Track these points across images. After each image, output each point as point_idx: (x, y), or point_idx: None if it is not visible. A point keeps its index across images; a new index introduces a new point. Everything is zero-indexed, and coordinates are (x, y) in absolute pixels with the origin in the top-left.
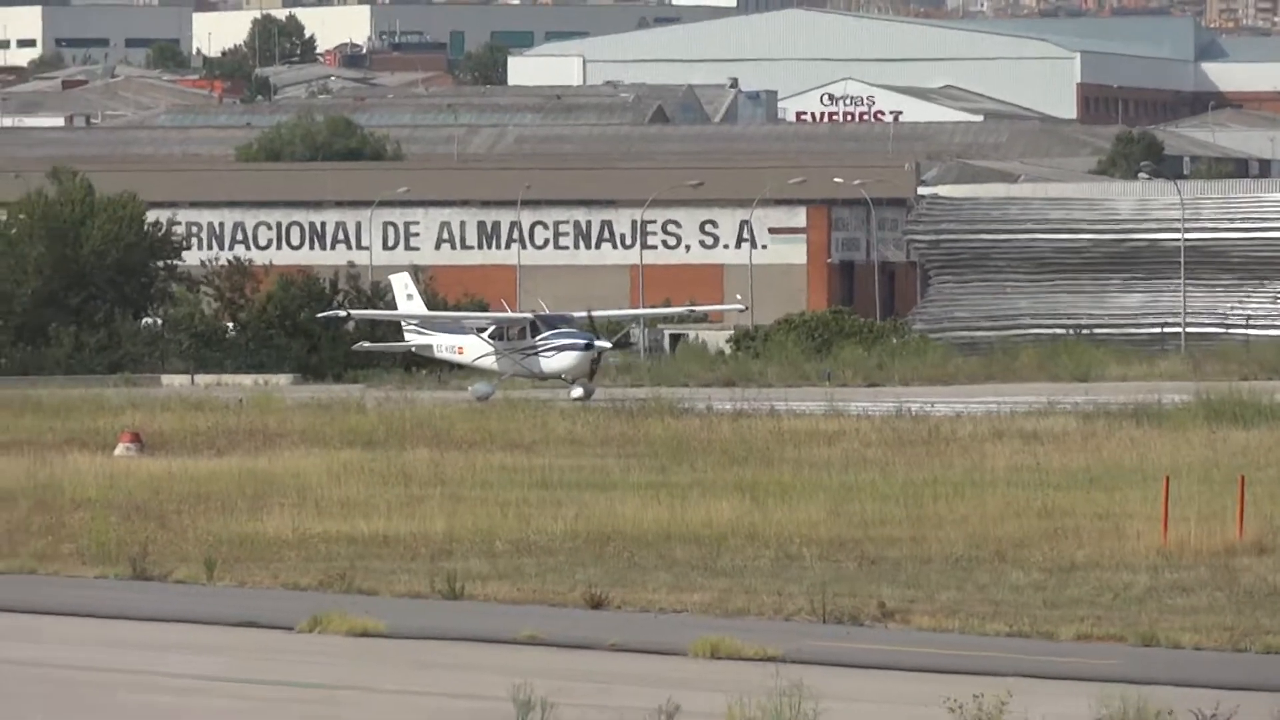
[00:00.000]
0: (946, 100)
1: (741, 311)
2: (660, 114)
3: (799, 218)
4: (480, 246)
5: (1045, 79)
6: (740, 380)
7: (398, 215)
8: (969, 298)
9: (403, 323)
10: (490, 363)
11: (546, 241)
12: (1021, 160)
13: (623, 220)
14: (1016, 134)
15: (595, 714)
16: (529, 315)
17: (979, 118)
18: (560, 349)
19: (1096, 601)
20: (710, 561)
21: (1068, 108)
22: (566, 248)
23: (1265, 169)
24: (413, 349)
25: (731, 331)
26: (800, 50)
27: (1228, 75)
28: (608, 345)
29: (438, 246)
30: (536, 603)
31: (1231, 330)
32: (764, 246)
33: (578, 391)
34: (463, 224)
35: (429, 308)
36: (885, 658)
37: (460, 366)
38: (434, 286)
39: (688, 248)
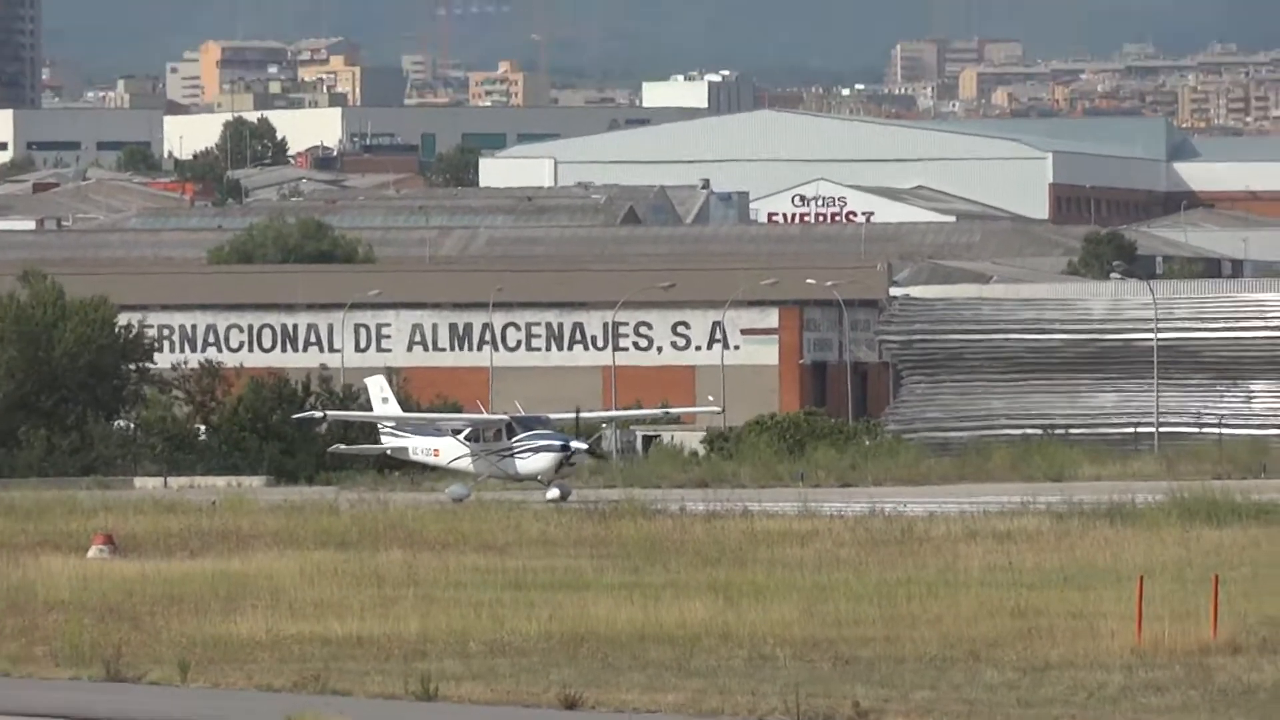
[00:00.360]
0: (919, 200)
1: (717, 414)
2: (632, 215)
3: (771, 319)
4: (452, 348)
5: (1017, 179)
6: (713, 481)
7: (370, 317)
8: (942, 398)
9: (379, 425)
10: (466, 464)
11: (519, 343)
12: (994, 260)
13: (594, 322)
14: (989, 234)
15: None
16: (505, 417)
17: (951, 218)
18: (537, 450)
19: (1071, 700)
20: (684, 662)
21: (1040, 208)
22: (539, 349)
23: (1237, 269)
24: (388, 451)
25: (704, 433)
26: (772, 151)
27: (1200, 175)
28: (583, 446)
29: (410, 348)
30: (511, 703)
31: (1205, 430)
32: (736, 347)
33: (554, 492)
34: (435, 326)
35: (402, 409)
36: None
37: (435, 468)
38: (407, 388)
39: (660, 349)
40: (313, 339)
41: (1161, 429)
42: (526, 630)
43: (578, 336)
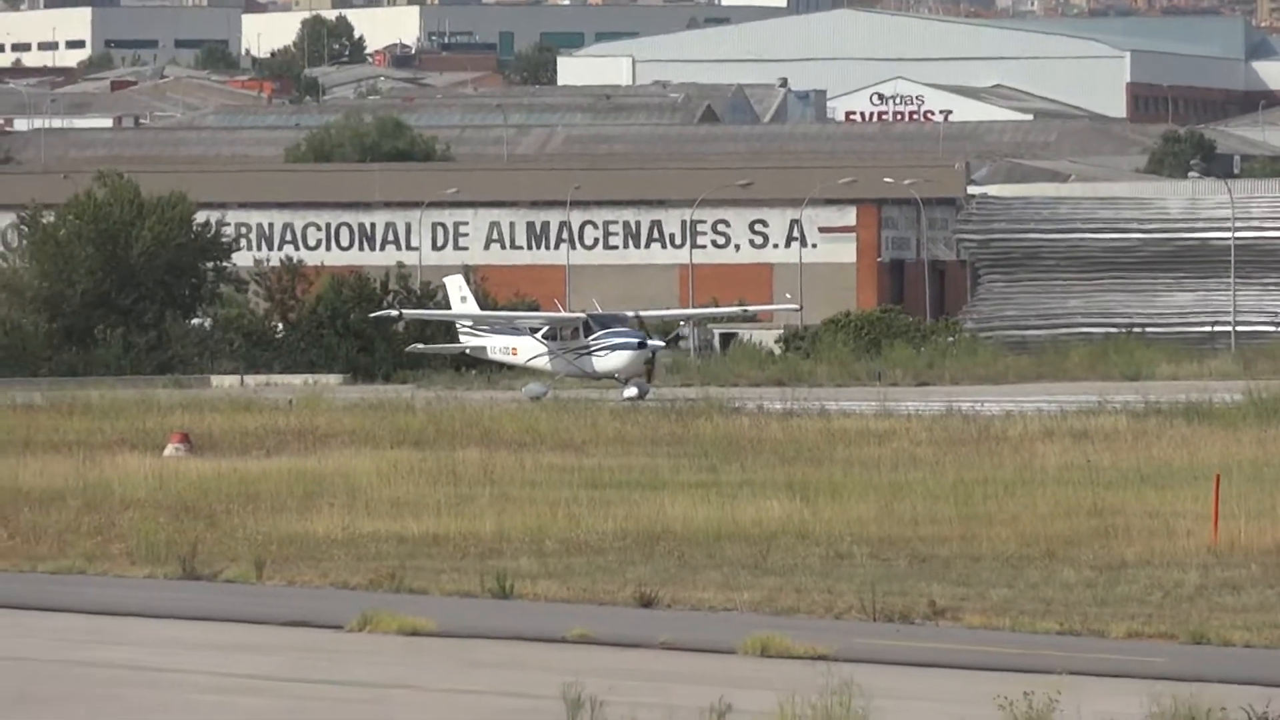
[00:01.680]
0: (996, 99)
1: (795, 311)
2: (710, 114)
3: (849, 217)
4: (529, 247)
5: (1095, 78)
6: (790, 380)
7: (447, 216)
8: (1019, 297)
9: (457, 324)
10: (544, 363)
11: (596, 241)
12: (1071, 159)
13: (672, 220)
14: (1066, 133)
15: (645, 712)
16: (582, 315)
17: (1029, 117)
18: (614, 348)
19: (1147, 599)
20: (760, 560)
21: (1117, 107)
22: (616, 247)
23: None
24: (466, 350)
25: (781, 331)
26: (850, 50)
27: (1278, 74)
28: (661, 344)
29: (487, 247)
30: (586, 601)
31: None
32: (813, 246)
33: (631, 391)
34: (512, 224)
35: (480, 308)
36: (935, 656)
37: (513, 367)
38: (485, 287)
39: (737, 247)
40: (390, 237)
41: (1238, 328)
42: (603, 529)
43: (655, 235)
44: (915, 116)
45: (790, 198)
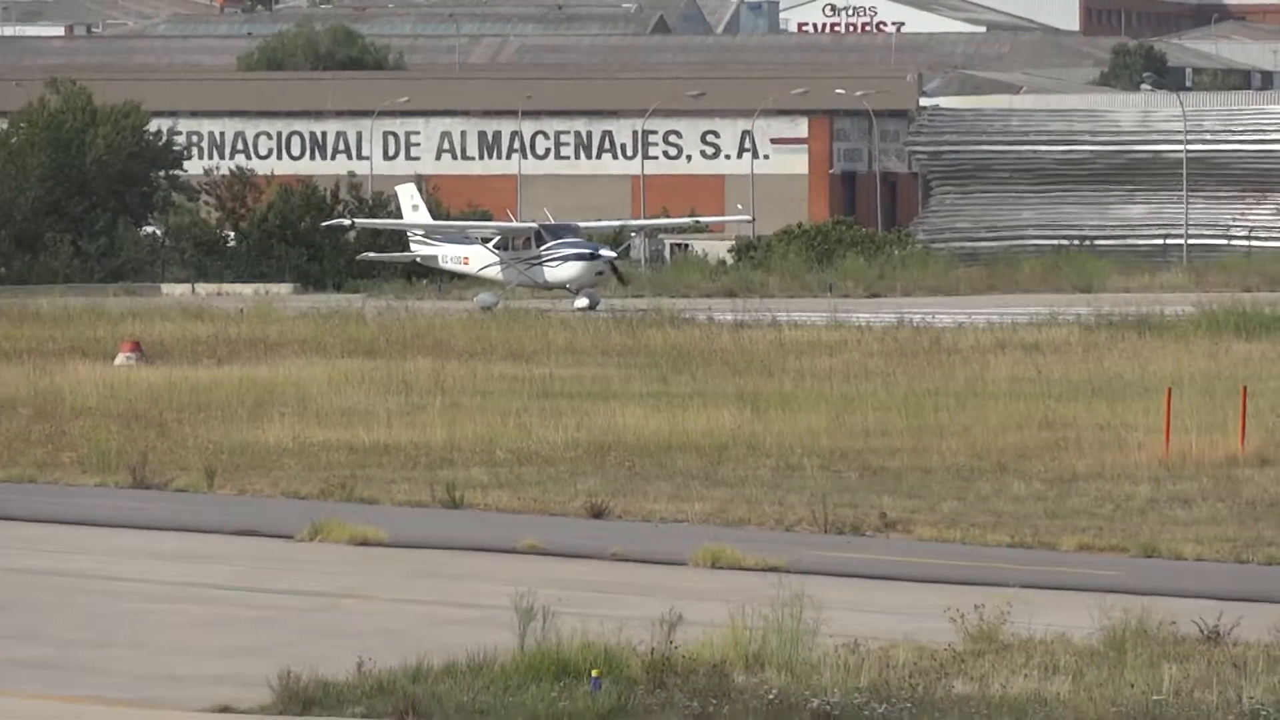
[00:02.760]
0: (949, 11)
1: (748, 222)
2: (662, 24)
3: (801, 128)
4: (481, 156)
5: None
6: (741, 291)
7: (399, 125)
8: (970, 209)
9: (408, 233)
10: (495, 273)
11: (547, 151)
12: (1023, 71)
13: (624, 130)
14: (1018, 45)
15: (597, 623)
16: (534, 225)
17: (981, 29)
18: (565, 259)
19: (1098, 513)
20: (711, 471)
21: (1070, 19)
22: (567, 158)
23: (1268, 81)
24: (418, 259)
25: (733, 241)
26: None
27: None
28: (613, 254)
29: (438, 156)
30: (537, 512)
31: (1234, 242)
32: (765, 157)
33: (582, 301)
34: (463, 134)
35: (432, 217)
36: (887, 568)
37: (465, 276)
38: (436, 196)
39: (689, 158)
40: (341, 146)
41: (1190, 241)
42: (553, 439)
43: (606, 145)
44: (868, 28)
45: (742, 109)
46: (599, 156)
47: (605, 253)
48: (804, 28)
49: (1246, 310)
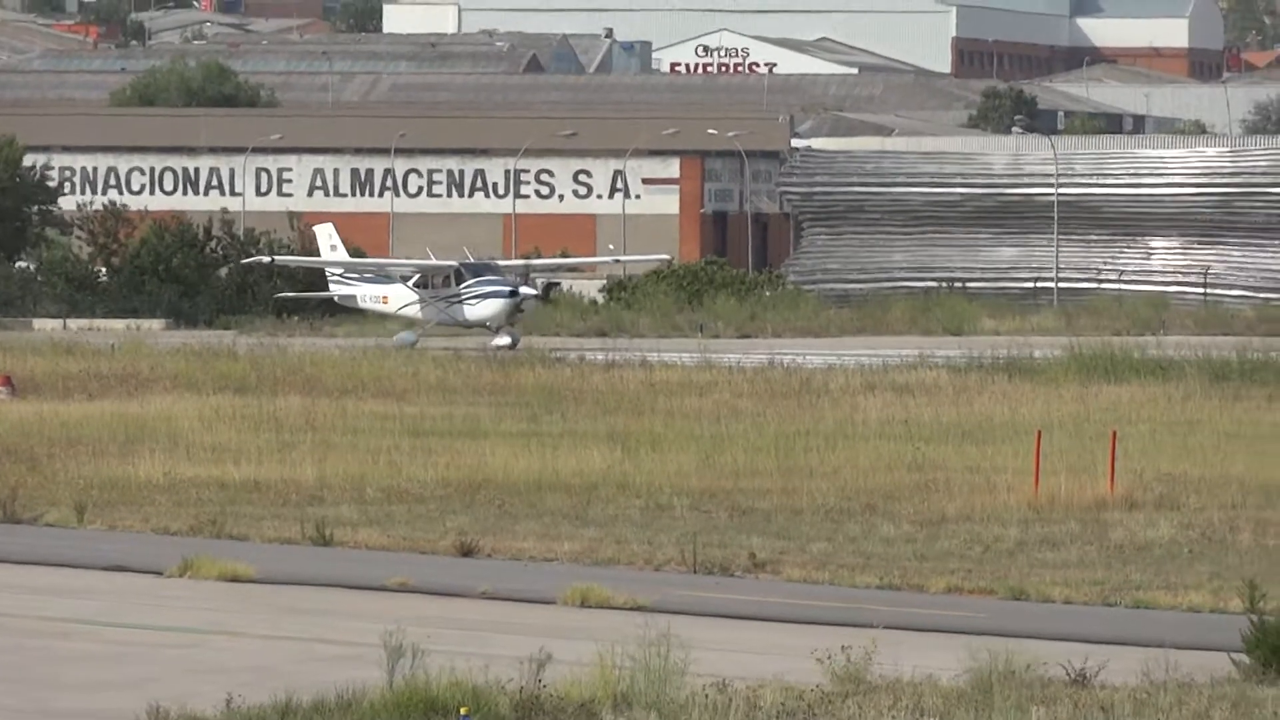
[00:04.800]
0: (821, 53)
1: (667, 260)
2: (535, 63)
3: (672, 168)
4: (354, 194)
5: (920, 32)
6: (612, 330)
7: (271, 162)
8: (842, 250)
9: (326, 272)
10: (415, 311)
11: (420, 189)
12: (896, 113)
13: (496, 169)
14: (891, 87)
15: (465, 661)
16: (453, 263)
17: (854, 70)
18: (485, 297)
19: (967, 555)
20: (581, 511)
21: (942, 61)
22: (440, 195)
23: (1139, 124)
24: (336, 299)
25: (604, 281)
26: (675, 1)
27: (1102, 30)
28: (533, 293)
29: (311, 193)
30: (407, 550)
31: (1104, 285)
32: (637, 197)
33: (503, 339)
34: (336, 171)
35: (304, 256)
36: (755, 608)
37: (384, 316)
38: (309, 234)
39: (561, 197)
40: (214, 182)
41: (1061, 284)
42: (424, 477)
43: (479, 184)
44: (740, 69)
45: (614, 148)
46: (471, 195)
47: (525, 290)
48: (676, 68)
49: (1116, 354)
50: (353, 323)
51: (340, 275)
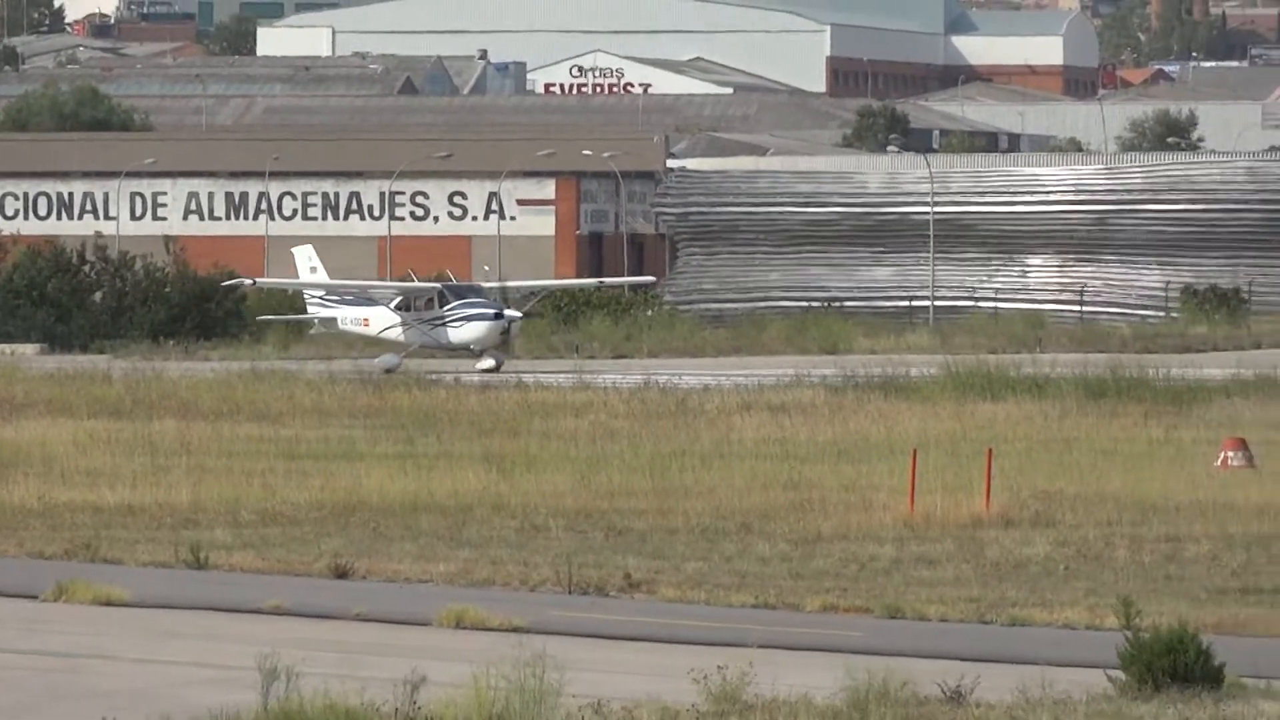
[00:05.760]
0: (696, 73)
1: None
2: (409, 85)
3: (548, 189)
4: (228, 217)
5: (795, 52)
6: (488, 351)
7: (145, 186)
8: (717, 270)
9: (306, 295)
10: (397, 334)
11: (295, 212)
12: (771, 133)
13: (371, 191)
14: (766, 107)
15: (340, 683)
16: (436, 285)
17: (728, 90)
18: (469, 319)
19: (842, 573)
20: (456, 532)
21: (816, 81)
22: (314, 218)
23: (1014, 143)
24: (317, 321)
25: None
26: (549, 22)
27: (977, 49)
28: (518, 315)
29: (185, 217)
30: (282, 573)
31: (979, 303)
32: (512, 218)
33: (487, 362)
34: (211, 195)
35: (181, 278)
36: (631, 629)
37: (366, 338)
38: (185, 257)
39: (436, 219)
40: (88, 207)
41: (937, 302)
42: (298, 500)
43: (354, 206)
44: (615, 89)
45: (489, 170)
46: (346, 217)
47: (510, 313)
48: (551, 89)
49: (991, 372)
50: (228, 346)
51: (321, 298)
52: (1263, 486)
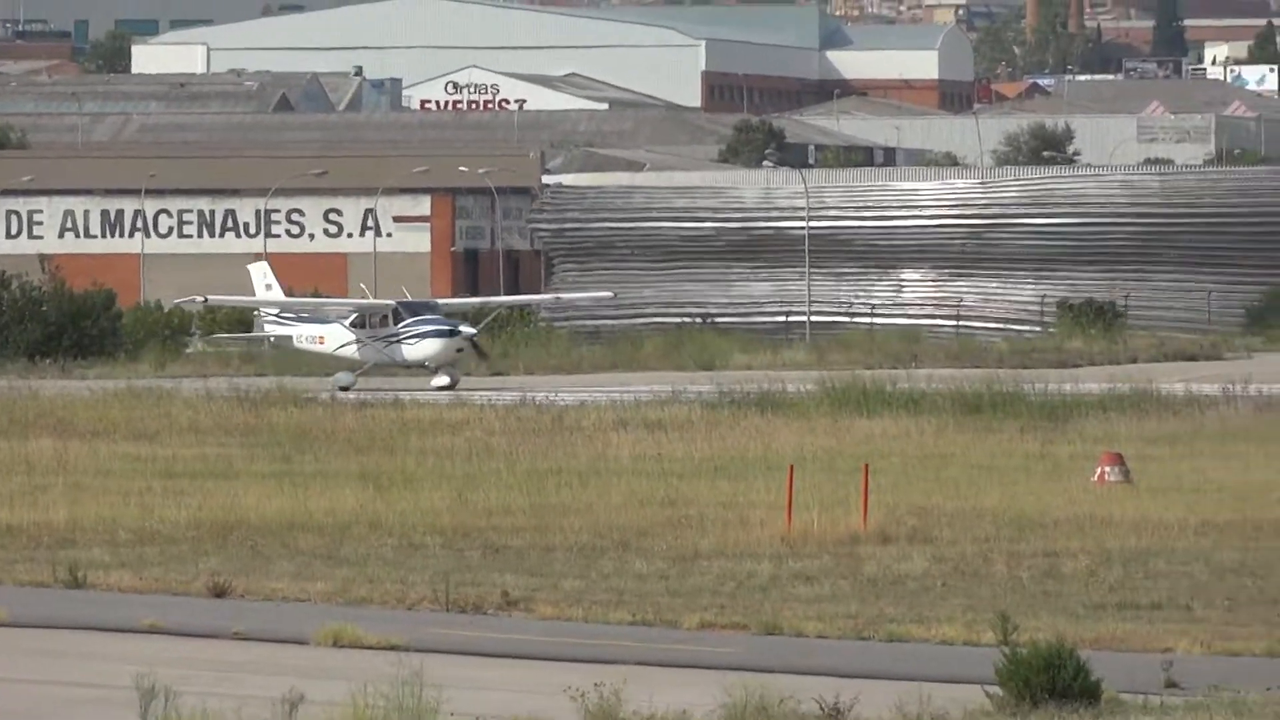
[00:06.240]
0: (571, 88)
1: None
2: (284, 102)
3: (423, 206)
4: (104, 235)
5: (670, 67)
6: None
7: (21, 204)
8: (593, 286)
9: (259, 312)
10: (352, 352)
11: (170, 230)
12: (646, 148)
13: (246, 209)
14: (641, 122)
15: (218, 702)
16: (391, 303)
17: (604, 106)
18: (424, 336)
19: (720, 590)
20: (333, 550)
21: (692, 96)
22: (190, 236)
23: (890, 157)
24: (271, 339)
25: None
26: (425, 38)
27: (852, 63)
28: (473, 331)
29: (61, 235)
30: (159, 592)
31: (855, 319)
32: (388, 235)
33: (442, 380)
34: (87, 212)
35: (56, 296)
36: (508, 646)
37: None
38: (61, 275)
39: (311, 236)
40: None
41: (813, 318)
42: (176, 518)
43: (229, 223)
44: (490, 105)
45: (365, 187)
46: (222, 235)
47: (465, 330)
48: (427, 105)
49: (867, 387)
50: (104, 364)
51: (276, 315)
52: (1139, 501)
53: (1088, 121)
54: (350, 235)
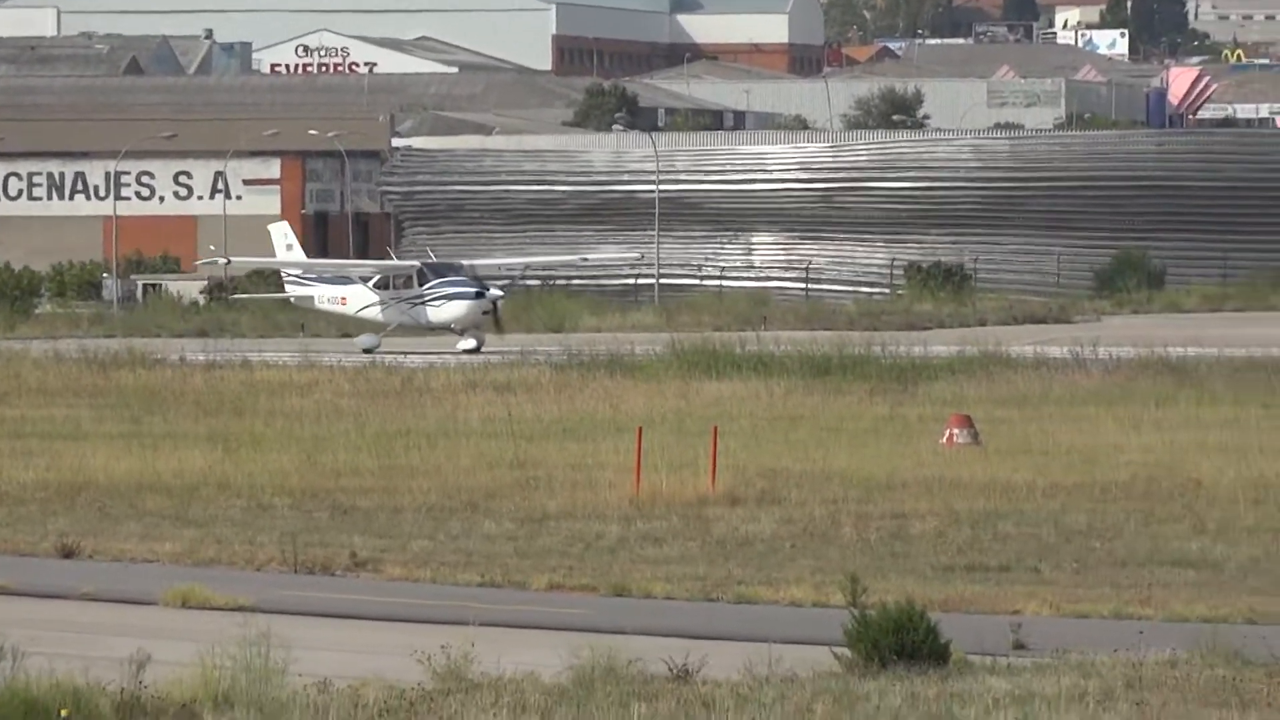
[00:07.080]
0: (422, 52)
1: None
2: (134, 65)
3: (273, 169)
4: None
5: (520, 30)
6: (213, 331)
7: None
8: (443, 249)
9: (283, 272)
10: (375, 314)
11: (20, 193)
12: (496, 112)
13: (96, 172)
14: (491, 86)
15: (65, 663)
16: (415, 264)
17: (454, 69)
18: (449, 298)
19: (568, 552)
20: (181, 511)
21: (543, 59)
22: (40, 199)
23: (740, 120)
24: (292, 299)
25: (205, 282)
26: (275, 2)
27: (703, 27)
28: (500, 293)
29: None
30: (6, 552)
31: (705, 281)
32: (238, 198)
33: (468, 343)
34: None
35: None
36: (356, 607)
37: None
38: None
39: (161, 199)
40: None
41: (662, 280)
42: (23, 479)
43: (79, 186)
44: (340, 69)
45: (215, 150)
46: (72, 198)
47: (493, 291)
48: (277, 68)
49: (716, 350)
50: None
51: (297, 276)
52: (988, 463)
53: (938, 85)
54: (200, 198)
